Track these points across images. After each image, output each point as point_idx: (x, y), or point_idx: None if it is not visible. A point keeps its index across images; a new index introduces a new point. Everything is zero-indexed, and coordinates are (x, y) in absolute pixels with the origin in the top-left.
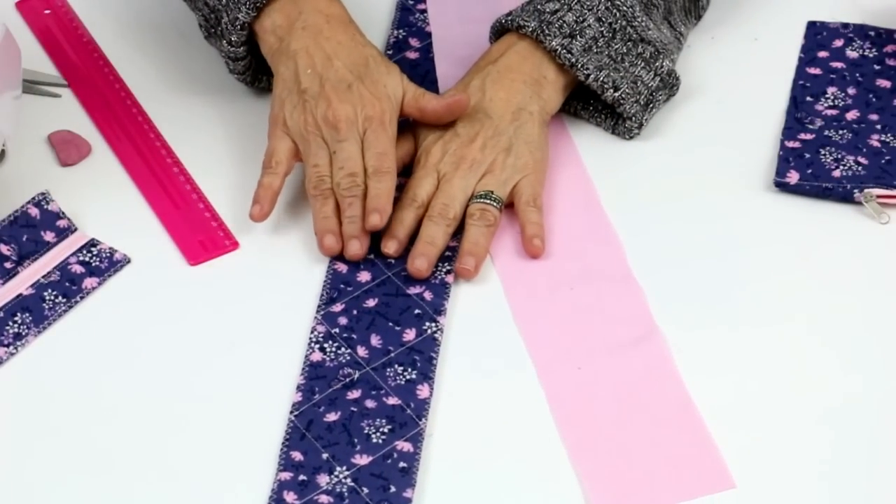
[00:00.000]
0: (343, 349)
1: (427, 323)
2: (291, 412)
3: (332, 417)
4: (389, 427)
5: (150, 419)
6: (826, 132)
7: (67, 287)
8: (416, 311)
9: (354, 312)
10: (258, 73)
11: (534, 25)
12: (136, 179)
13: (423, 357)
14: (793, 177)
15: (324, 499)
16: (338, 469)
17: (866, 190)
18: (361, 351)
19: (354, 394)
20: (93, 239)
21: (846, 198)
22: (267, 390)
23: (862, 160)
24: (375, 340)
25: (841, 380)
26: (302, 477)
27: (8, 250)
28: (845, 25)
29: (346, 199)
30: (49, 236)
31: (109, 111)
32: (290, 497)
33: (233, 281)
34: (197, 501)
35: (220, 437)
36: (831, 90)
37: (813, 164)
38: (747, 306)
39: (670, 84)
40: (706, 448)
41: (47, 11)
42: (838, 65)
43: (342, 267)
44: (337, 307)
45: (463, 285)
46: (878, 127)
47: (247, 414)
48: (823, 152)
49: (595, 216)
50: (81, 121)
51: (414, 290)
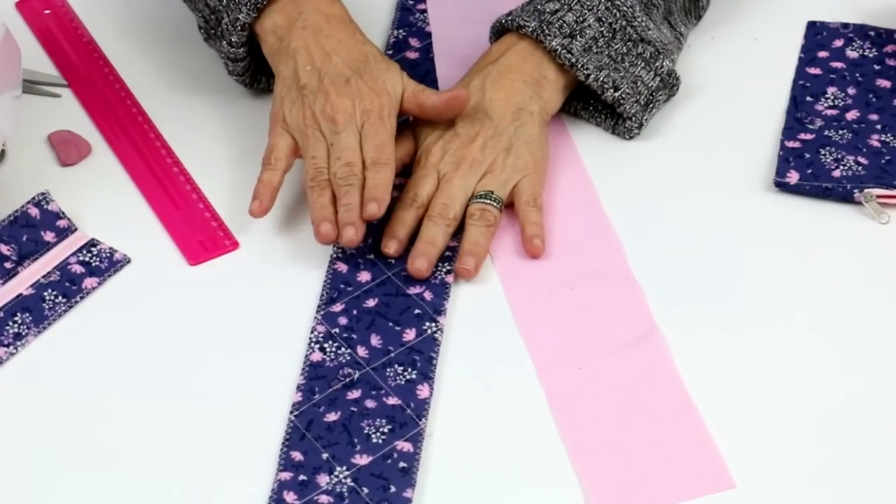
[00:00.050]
0: (343, 349)
1: (427, 323)
2: (291, 412)
3: (332, 417)
4: (389, 427)
5: (151, 419)
6: (826, 132)
7: (67, 287)
8: (416, 311)
9: (354, 312)
10: (257, 75)
11: (534, 25)
12: (136, 179)
13: (423, 357)
14: (793, 177)
15: (324, 499)
16: (338, 469)
17: (866, 190)
18: (361, 351)
19: (354, 394)
20: (93, 239)
21: (846, 198)
22: (267, 390)
23: (862, 160)
24: (375, 340)
25: (841, 380)
26: (302, 477)
27: (8, 250)
28: (845, 25)
29: (343, 188)
30: (49, 236)
31: (109, 111)
32: (290, 497)
33: (233, 281)
34: (197, 501)
35: (220, 437)
36: (831, 90)
37: (813, 164)
38: (747, 306)
39: (670, 84)
40: (706, 448)
41: (47, 11)
42: (838, 65)
43: (342, 267)
44: (337, 307)
45: (463, 285)
46: (878, 127)
47: (247, 414)
48: (823, 152)
49: (595, 216)
50: (81, 121)
51: (414, 290)
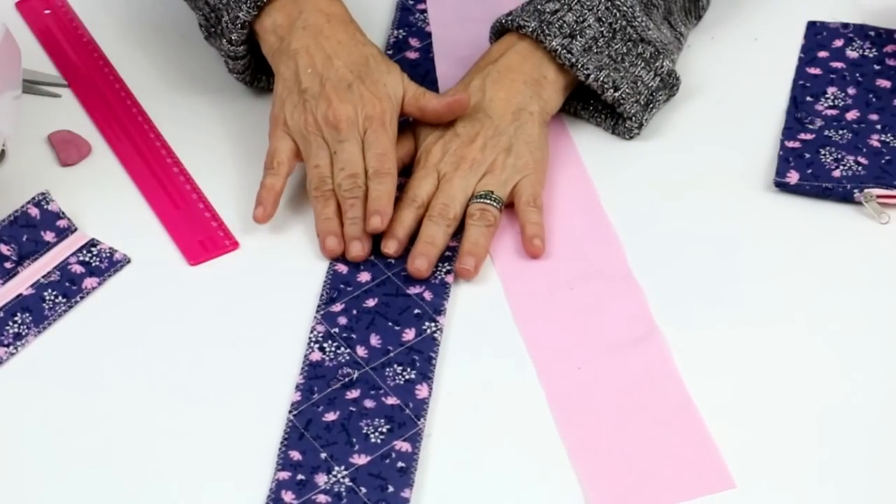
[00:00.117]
0: (342, 349)
1: (427, 323)
2: (290, 411)
3: (331, 417)
4: (388, 427)
5: (150, 419)
6: (826, 132)
7: (67, 287)
8: (416, 311)
9: (354, 312)
10: (257, 73)
11: (534, 25)
12: (136, 179)
13: (423, 357)
14: (793, 177)
15: (322, 498)
16: (336, 469)
17: (866, 190)
18: (361, 351)
19: (353, 393)
20: (93, 239)
21: (846, 198)
22: (266, 390)
23: (862, 160)
24: (375, 340)
25: (841, 380)
26: (300, 476)
27: (8, 250)
28: (845, 25)
29: (348, 201)
30: (49, 236)
31: (109, 111)
32: (289, 496)
33: (233, 281)
34: (196, 500)
35: (219, 437)
36: (831, 90)
37: (813, 164)
38: (747, 306)
39: (670, 84)
40: (706, 448)
41: (47, 11)
42: (838, 65)
43: (342, 267)
44: (337, 307)
45: (463, 285)
46: (878, 127)
47: (246, 413)
48: (823, 152)
49: (595, 216)
50: (81, 121)
51: (414, 290)
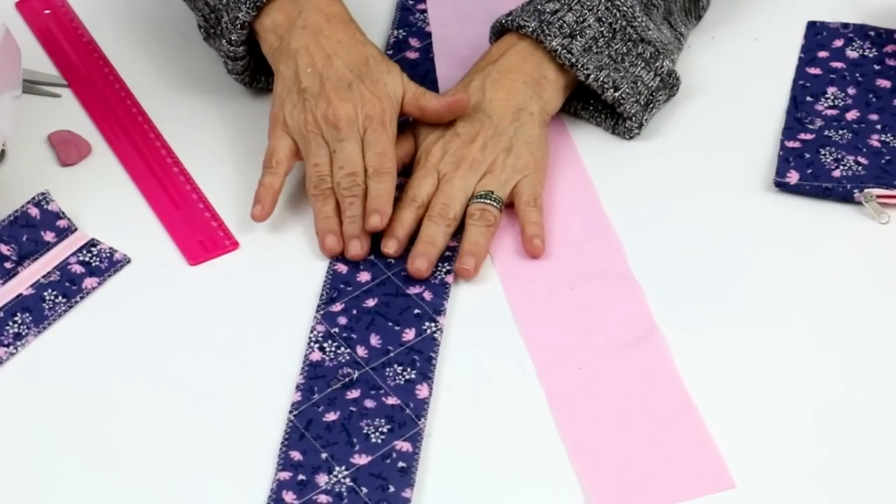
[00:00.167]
0: (342, 349)
1: (427, 323)
2: (291, 412)
3: (332, 417)
4: (388, 427)
5: (150, 419)
6: (826, 132)
7: (67, 287)
8: (416, 311)
9: (354, 312)
10: (256, 74)
11: (534, 25)
12: (136, 179)
13: (423, 357)
14: (793, 177)
15: (323, 498)
16: (337, 469)
17: (866, 190)
18: (361, 351)
19: (354, 393)
20: (93, 239)
21: (846, 198)
22: (266, 390)
23: (862, 160)
24: (375, 340)
25: (841, 380)
26: (301, 476)
27: (8, 250)
28: (845, 25)
29: (347, 199)
30: (49, 236)
31: (109, 111)
32: (289, 497)
33: (233, 281)
34: (196, 500)
35: (220, 437)
36: (831, 90)
37: (813, 164)
38: (747, 306)
39: (670, 84)
40: (706, 448)
41: (47, 11)
42: (838, 65)
43: (342, 267)
44: (337, 307)
45: (463, 285)
46: (878, 127)
47: (246, 413)
48: (823, 152)
49: (595, 216)
50: (81, 121)
51: (414, 290)
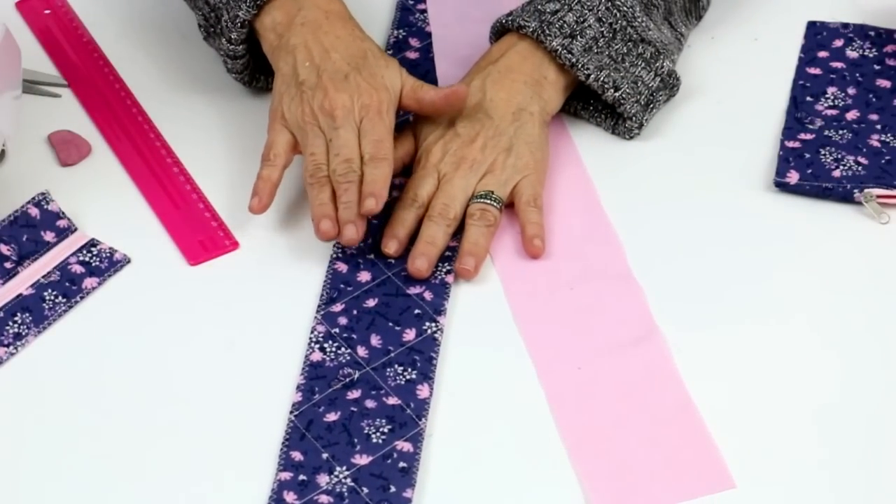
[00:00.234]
0: (343, 349)
1: (427, 323)
2: (291, 412)
3: (332, 417)
4: (389, 427)
5: (150, 419)
6: (826, 132)
7: (67, 287)
8: (416, 311)
9: (354, 312)
10: (256, 73)
11: (534, 26)
12: (136, 179)
13: (423, 357)
14: (793, 177)
15: (324, 499)
16: (338, 469)
17: (866, 190)
18: (361, 351)
19: (354, 394)
20: (93, 239)
21: (846, 198)
22: (267, 390)
23: (862, 160)
24: (375, 340)
25: (841, 380)
26: (302, 477)
27: (8, 250)
28: (845, 25)
29: (342, 185)
30: (49, 236)
31: (109, 111)
32: (290, 497)
33: (233, 281)
34: (197, 501)
35: (220, 437)
36: (831, 90)
37: (813, 164)
38: (747, 306)
39: (671, 84)
40: (706, 448)
41: (47, 11)
42: (838, 65)
43: (342, 267)
44: (337, 307)
45: (463, 285)
46: (878, 127)
47: (247, 414)
48: (823, 152)
49: (595, 216)
50: (81, 121)
51: (414, 290)
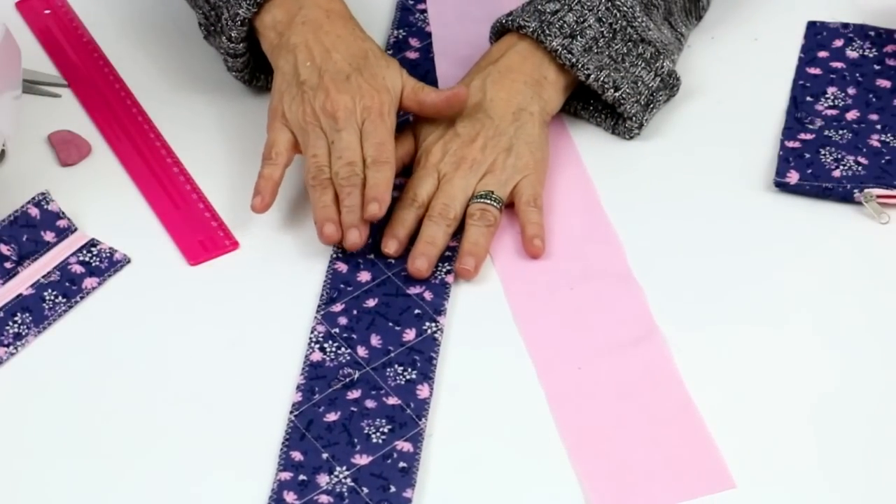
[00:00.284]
0: (343, 349)
1: (427, 323)
2: (291, 412)
3: (332, 417)
4: (389, 427)
5: (150, 419)
6: (826, 132)
7: (67, 287)
8: (416, 311)
9: (354, 312)
10: (256, 72)
11: (534, 26)
12: (136, 179)
13: (423, 357)
14: (793, 177)
15: (324, 499)
16: (338, 469)
17: (866, 190)
18: (361, 351)
19: (354, 394)
20: (93, 239)
21: (846, 198)
22: (267, 390)
23: (862, 160)
24: (375, 340)
25: (841, 380)
26: (302, 477)
27: (8, 250)
28: (845, 25)
29: (345, 189)
30: (49, 236)
31: (109, 111)
32: (290, 497)
33: (233, 281)
34: (197, 500)
35: (220, 437)
36: (831, 90)
37: (813, 164)
38: (747, 306)
39: (671, 84)
40: (706, 448)
41: (47, 11)
42: (838, 65)
43: (342, 267)
44: (337, 307)
45: (463, 285)
46: (878, 127)
47: (247, 414)
48: (823, 152)
49: (595, 216)
50: (81, 121)
51: (414, 290)
